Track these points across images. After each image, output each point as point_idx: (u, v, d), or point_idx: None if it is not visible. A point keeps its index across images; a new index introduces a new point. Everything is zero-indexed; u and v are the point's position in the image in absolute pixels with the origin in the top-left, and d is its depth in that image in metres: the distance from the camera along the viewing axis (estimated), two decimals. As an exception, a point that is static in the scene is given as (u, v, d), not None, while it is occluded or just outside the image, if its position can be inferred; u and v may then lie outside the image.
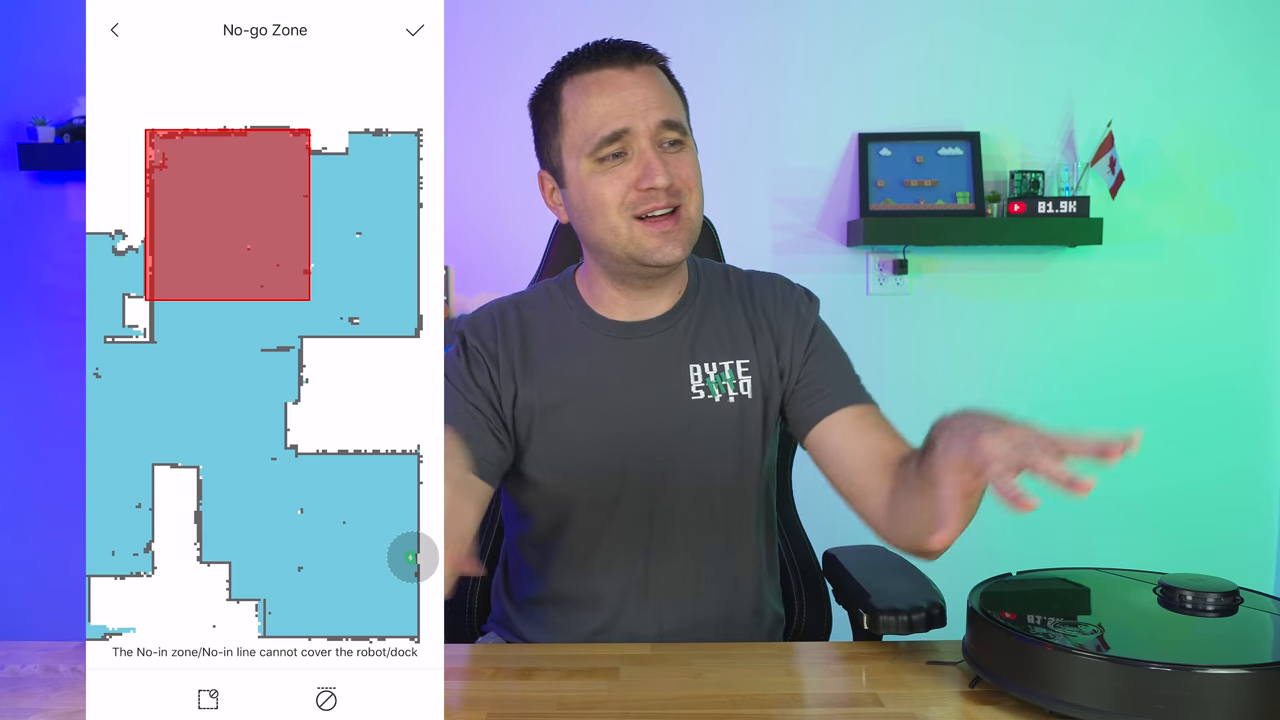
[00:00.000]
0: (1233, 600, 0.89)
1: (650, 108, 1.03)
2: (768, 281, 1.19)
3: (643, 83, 1.04)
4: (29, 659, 0.98)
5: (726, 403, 1.11)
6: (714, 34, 2.30)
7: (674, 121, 1.04)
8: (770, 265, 2.29)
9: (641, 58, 1.06)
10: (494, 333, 1.13)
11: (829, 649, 1.03)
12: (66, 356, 2.32)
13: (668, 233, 1.04)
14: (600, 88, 1.04)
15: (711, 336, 1.13)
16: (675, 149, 1.05)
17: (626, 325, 1.13)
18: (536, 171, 1.14)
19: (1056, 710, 0.81)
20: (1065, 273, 2.35)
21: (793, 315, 1.15)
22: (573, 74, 1.07)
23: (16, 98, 2.26)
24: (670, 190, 1.03)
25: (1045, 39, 2.30)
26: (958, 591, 1.03)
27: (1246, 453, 2.40)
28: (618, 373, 1.11)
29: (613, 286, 1.12)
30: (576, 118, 1.05)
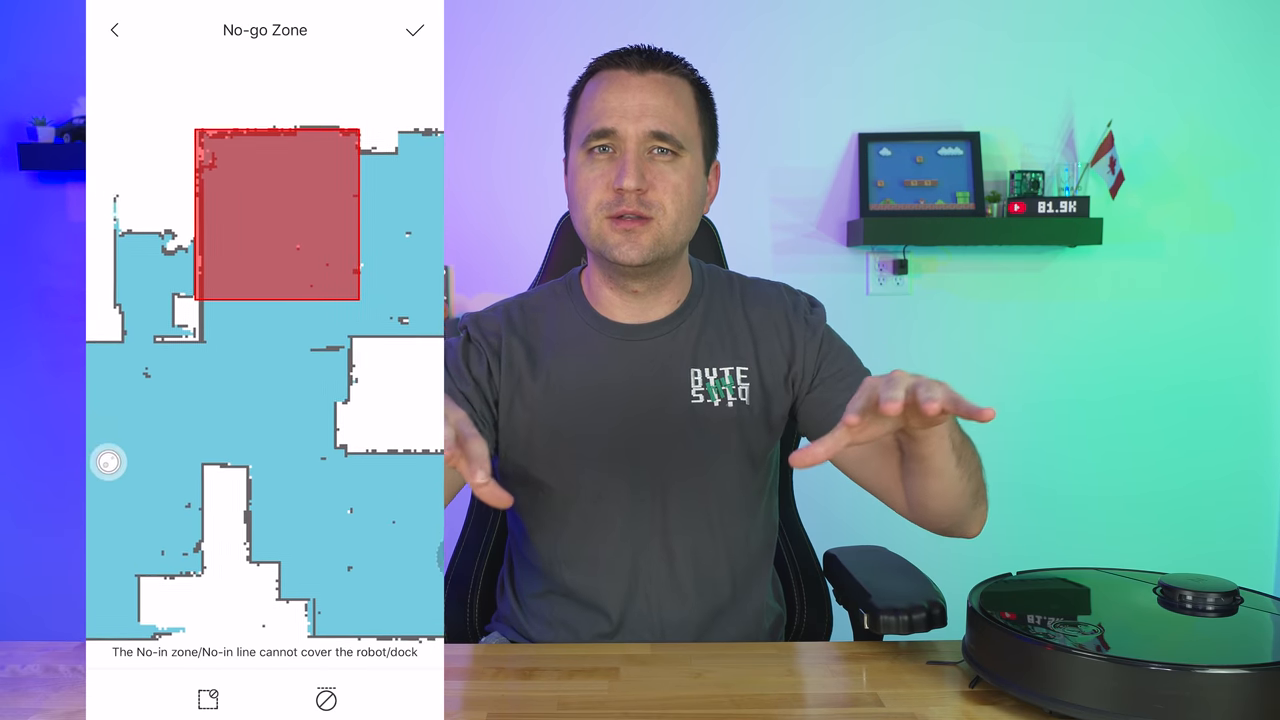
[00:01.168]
0: (1233, 600, 0.89)
1: (645, 114, 1.04)
2: (773, 290, 1.19)
3: (648, 89, 1.05)
4: (29, 659, 0.98)
5: (725, 407, 1.12)
6: (714, 34, 2.30)
7: (664, 133, 1.05)
8: (770, 265, 2.31)
9: (654, 65, 1.07)
10: (498, 329, 1.14)
11: (829, 649, 1.03)
12: (66, 356, 2.32)
13: (630, 233, 1.05)
14: (608, 85, 1.06)
15: (714, 341, 1.14)
16: (666, 159, 1.06)
17: (629, 328, 1.13)
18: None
19: (1056, 710, 0.81)
20: (1065, 273, 2.35)
21: (802, 324, 1.15)
22: (598, 68, 1.10)
23: (16, 98, 2.26)
24: (643, 199, 1.04)
25: (1045, 39, 2.30)
26: (958, 591, 1.03)
27: (1246, 453, 2.40)
28: (620, 374, 1.12)
29: (607, 285, 1.13)
30: (583, 109, 1.08)
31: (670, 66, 1.08)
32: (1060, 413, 2.38)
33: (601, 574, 1.13)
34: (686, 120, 1.08)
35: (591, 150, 1.06)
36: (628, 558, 1.12)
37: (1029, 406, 2.37)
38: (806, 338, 1.15)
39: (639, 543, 1.12)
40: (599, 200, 1.05)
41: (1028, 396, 2.37)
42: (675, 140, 1.06)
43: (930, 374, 0.83)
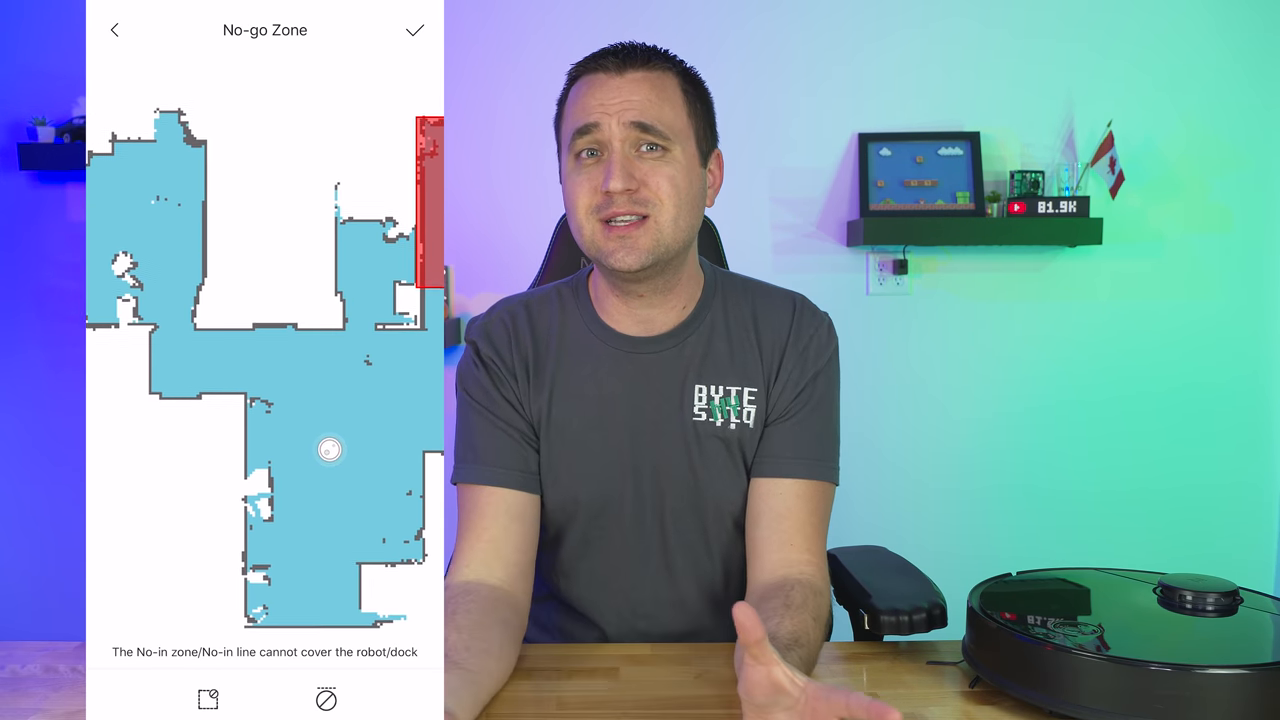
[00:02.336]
0: (1233, 600, 0.89)
1: (627, 109, 1.01)
2: (786, 306, 1.12)
3: (628, 86, 1.02)
4: (29, 659, 0.98)
5: (728, 429, 1.08)
6: (714, 34, 2.30)
7: (648, 125, 1.01)
8: (770, 265, 2.31)
9: (633, 64, 1.03)
10: (507, 339, 1.10)
11: (829, 649, 1.03)
12: (66, 356, 2.32)
13: (625, 238, 1.01)
14: (589, 87, 1.03)
15: (721, 358, 1.09)
16: (654, 155, 1.02)
17: (634, 340, 1.09)
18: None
19: (1056, 710, 0.81)
20: (1065, 273, 2.35)
21: (797, 358, 1.09)
22: (579, 73, 1.07)
23: (16, 98, 2.26)
24: (636, 197, 1.00)
25: (1045, 39, 2.30)
26: (958, 591, 1.03)
27: (1246, 453, 2.40)
28: (622, 388, 1.09)
29: (612, 292, 1.09)
30: (567, 115, 1.06)
31: (650, 62, 1.04)
32: (1060, 413, 2.38)
33: (598, 589, 1.12)
34: (674, 113, 1.03)
35: (580, 155, 1.03)
36: (625, 574, 1.11)
37: (1029, 406, 2.37)
38: (797, 372, 1.09)
39: (637, 559, 1.10)
40: (589, 204, 1.02)
41: (1028, 396, 2.37)
42: (661, 133, 1.01)
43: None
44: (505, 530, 1.04)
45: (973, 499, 2.38)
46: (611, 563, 1.11)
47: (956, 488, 2.37)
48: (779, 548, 1.04)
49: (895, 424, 2.35)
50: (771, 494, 1.06)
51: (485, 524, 1.03)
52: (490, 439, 1.07)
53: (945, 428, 2.36)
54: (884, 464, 2.33)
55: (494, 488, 1.05)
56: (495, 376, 1.09)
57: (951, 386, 2.35)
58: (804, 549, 1.04)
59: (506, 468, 1.06)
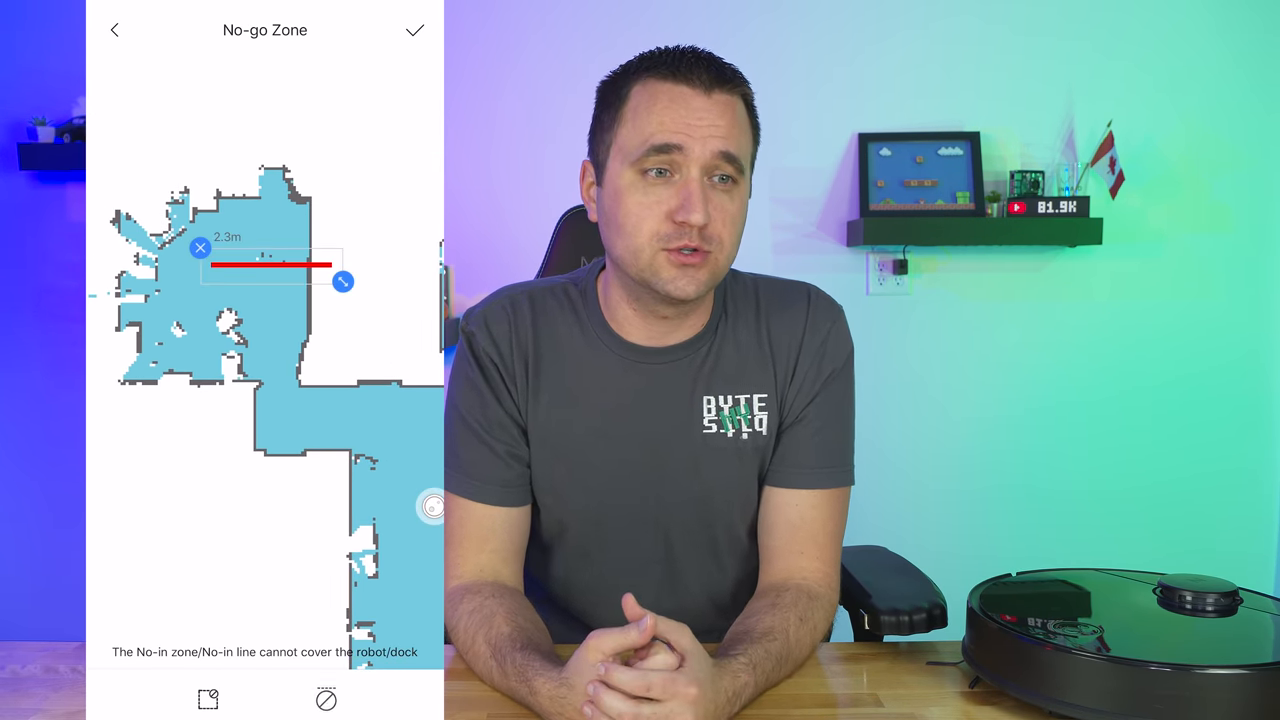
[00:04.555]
0: (1232, 600, 0.89)
1: (714, 135, 0.95)
2: (799, 301, 1.10)
3: (715, 110, 0.96)
4: (29, 659, 0.98)
5: (740, 439, 1.06)
6: (714, 34, 2.29)
7: (733, 156, 0.96)
8: (770, 265, 2.31)
9: (722, 84, 0.98)
10: (508, 332, 1.06)
11: (829, 649, 1.03)
12: (66, 356, 2.32)
13: (688, 268, 0.96)
14: (670, 100, 0.96)
15: (731, 367, 1.06)
16: (726, 187, 0.97)
17: (642, 350, 1.05)
18: (581, 160, 1.08)
19: (1056, 710, 0.81)
20: (1065, 273, 2.35)
21: (812, 358, 1.07)
22: (649, 75, 0.98)
23: (16, 98, 2.26)
24: (704, 233, 0.95)
25: (1045, 39, 2.30)
26: (958, 592, 1.03)
27: (1246, 453, 2.40)
28: (629, 399, 1.05)
29: (628, 304, 1.04)
30: (635, 120, 0.97)
31: (733, 83, 0.99)
32: (1060, 413, 2.38)
33: (600, 600, 1.09)
34: (746, 141, 1.00)
35: (647, 170, 0.96)
36: (626, 585, 1.09)
37: (1029, 407, 2.37)
38: (811, 376, 1.07)
39: (640, 571, 1.08)
40: (655, 231, 0.96)
41: (1028, 397, 2.37)
42: (739, 164, 0.97)
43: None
44: (491, 546, 1.03)
45: (973, 499, 2.37)
46: (613, 574, 1.09)
47: (956, 488, 2.37)
48: (790, 555, 1.04)
49: (895, 424, 2.35)
50: (787, 504, 1.05)
51: (471, 537, 1.03)
52: (478, 452, 1.04)
53: (945, 428, 2.36)
54: (884, 464, 2.32)
55: (478, 503, 1.03)
56: (490, 379, 1.05)
57: (951, 386, 2.35)
58: (815, 557, 1.04)
59: (491, 483, 1.04)
